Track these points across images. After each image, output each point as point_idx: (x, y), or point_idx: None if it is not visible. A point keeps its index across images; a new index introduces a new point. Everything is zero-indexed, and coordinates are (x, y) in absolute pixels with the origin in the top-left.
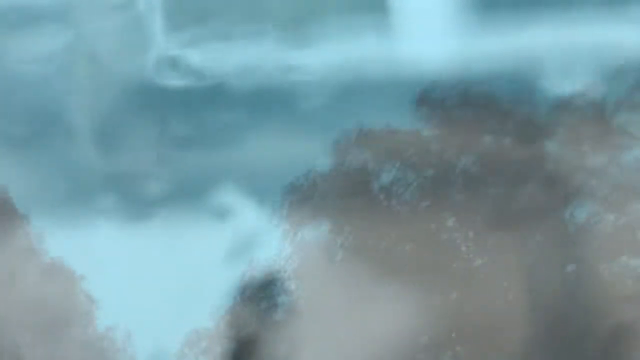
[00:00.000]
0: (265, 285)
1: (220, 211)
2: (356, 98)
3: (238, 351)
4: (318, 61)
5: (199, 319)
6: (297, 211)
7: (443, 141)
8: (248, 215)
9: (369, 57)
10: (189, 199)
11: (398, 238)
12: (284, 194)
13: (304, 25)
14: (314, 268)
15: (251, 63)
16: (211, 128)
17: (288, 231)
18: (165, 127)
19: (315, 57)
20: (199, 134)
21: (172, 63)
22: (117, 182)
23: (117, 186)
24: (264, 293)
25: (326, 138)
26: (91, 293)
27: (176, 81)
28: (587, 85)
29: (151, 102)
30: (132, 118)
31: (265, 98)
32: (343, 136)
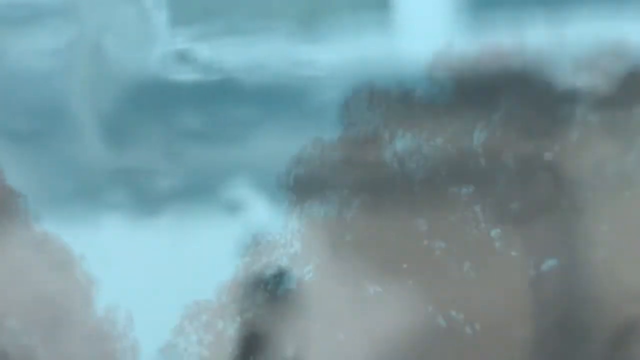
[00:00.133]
0: (270, 276)
1: (230, 206)
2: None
3: (243, 345)
4: (328, 56)
5: (200, 293)
6: (304, 184)
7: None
8: (258, 210)
9: (375, 54)
10: (199, 194)
11: (402, 230)
12: (290, 166)
13: (314, 20)
14: (321, 245)
15: (260, 58)
16: (220, 123)
17: (294, 205)
18: (173, 122)
19: (325, 53)
20: (208, 129)
21: (180, 57)
22: (125, 178)
23: (125, 182)
24: (269, 284)
25: (336, 133)
26: (91, 272)
27: (184, 76)
28: (589, 82)
29: (159, 97)
30: (140, 113)
31: (274, 93)
32: (353, 98)
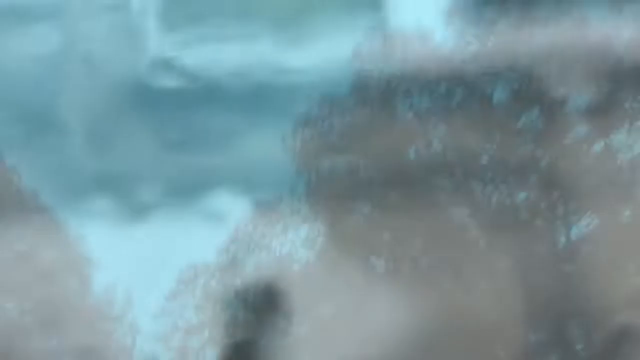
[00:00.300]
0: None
1: (214, 213)
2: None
3: (236, 350)
4: (312, 62)
5: (194, 256)
6: (311, 144)
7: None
8: (242, 216)
9: (363, 55)
10: (183, 200)
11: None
12: (296, 125)
13: (298, 25)
14: (329, 208)
15: (245, 64)
16: (205, 129)
17: (301, 166)
18: (159, 129)
19: (309, 59)
20: (193, 135)
21: (166, 64)
22: (110, 184)
23: (110, 188)
24: (253, 294)
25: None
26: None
27: (170, 82)
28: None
29: (145, 104)
30: (126, 119)
31: (259, 99)
32: (364, 42)
